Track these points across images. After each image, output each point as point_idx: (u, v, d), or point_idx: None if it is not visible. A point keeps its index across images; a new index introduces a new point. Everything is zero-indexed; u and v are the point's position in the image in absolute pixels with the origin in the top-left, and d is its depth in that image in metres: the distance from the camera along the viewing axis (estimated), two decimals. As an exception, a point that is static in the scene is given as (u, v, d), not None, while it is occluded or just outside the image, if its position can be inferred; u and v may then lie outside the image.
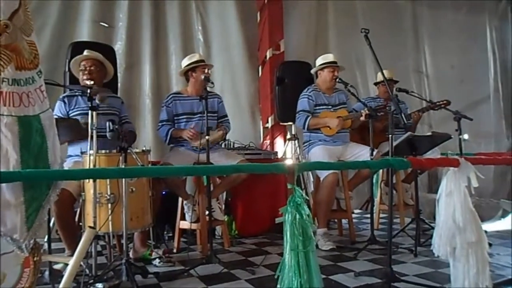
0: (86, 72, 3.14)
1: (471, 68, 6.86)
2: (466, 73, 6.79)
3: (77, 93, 3.18)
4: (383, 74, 2.95)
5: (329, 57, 3.86)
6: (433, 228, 2.69)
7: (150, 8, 5.02)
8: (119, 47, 4.78)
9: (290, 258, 1.75)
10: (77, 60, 3.22)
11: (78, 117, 3.07)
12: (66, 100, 3.18)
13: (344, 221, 4.05)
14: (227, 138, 3.96)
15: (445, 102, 3.89)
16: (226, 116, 3.75)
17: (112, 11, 4.89)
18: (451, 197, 2.17)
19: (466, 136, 4.87)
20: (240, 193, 4.03)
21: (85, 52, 3.23)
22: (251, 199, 4.02)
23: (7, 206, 1.69)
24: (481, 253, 2.15)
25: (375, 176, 4.13)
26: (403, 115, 2.56)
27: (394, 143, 2.66)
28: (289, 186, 1.86)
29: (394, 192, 3.92)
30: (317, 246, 3.35)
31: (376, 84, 4.50)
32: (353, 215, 4.19)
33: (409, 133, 3.13)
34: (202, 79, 3.39)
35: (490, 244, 2.37)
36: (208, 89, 3.19)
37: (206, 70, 3.50)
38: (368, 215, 3.92)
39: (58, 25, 4.52)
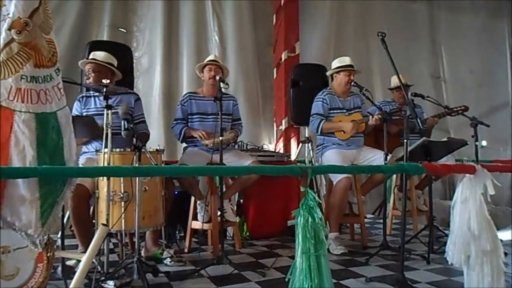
0: (87, 74, 3.20)
1: (490, 73, 6.75)
2: (485, 78, 6.69)
3: (92, 94, 3.23)
4: (399, 78, 2.92)
5: (346, 60, 3.83)
6: (447, 235, 2.66)
7: (165, 11, 5.07)
8: (136, 51, 4.84)
9: (301, 261, 1.74)
10: (82, 64, 3.29)
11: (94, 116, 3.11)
12: (82, 99, 3.25)
13: (356, 225, 4.02)
14: (240, 139, 3.97)
15: (463, 108, 3.83)
16: (239, 119, 3.77)
17: (128, 15, 4.98)
18: (467, 204, 2.14)
19: (484, 143, 4.78)
20: (252, 195, 4.03)
21: (90, 56, 3.28)
22: (263, 201, 4.01)
23: (22, 202, 1.71)
24: (496, 262, 2.11)
25: (388, 181, 4.08)
26: (418, 120, 2.53)
27: (409, 148, 2.63)
28: (302, 189, 1.85)
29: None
30: (328, 250, 3.33)
31: (391, 89, 4.46)
32: (366, 220, 4.15)
33: (424, 138, 3.09)
34: (208, 80, 3.54)
35: (505, 253, 2.32)
36: (224, 90, 3.21)
37: (212, 71, 3.53)
38: (381, 220, 3.89)
39: (77, 25, 4.60)
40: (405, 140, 2.54)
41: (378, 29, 2.89)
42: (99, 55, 3.25)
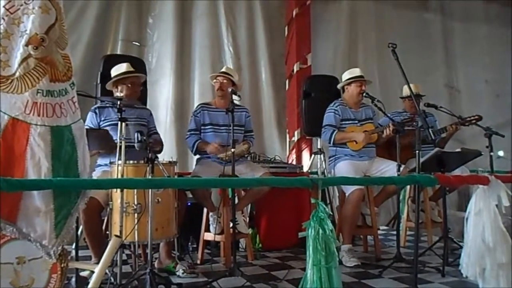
0: (131, 88, 3.28)
1: (506, 83, 6.66)
2: (502, 88, 6.61)
3: (107, 105, 3.28)
4: (409, 88, 2.91)
5: (356, 72, 3.83)
6: (462, 247, 2.62)
7: (177, 23, 5.17)
8: (148, 64, 4.91)
9: (312, 273, 1.74)
10: (118, 76, 3.32)
11: (108, 128, 3.15)
12: (97, 111, 3.28)
13: (369, 237, 3.98)
14: (252, 150, 3.99)
15: (476, 117, 3.79)
16: (251, 131, 3.80)
17: (141, 29, 5.09)
18: (480, 216, 2.12)
19: (501, 153, 4.71)
20: (264, 207, 4.03)
21: (126, 67, 3.33)
22: (276, 212, 4.01)
23: (37, 213, 1.74)
24: (512, 275, 2.07)
25: (402, 192, 4.04)
26: (430, 131, 2.51)
27: (422, 159, 2.61)
28: (312, 201, 1.85)
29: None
30: (341, 262, 3.30)
31: (402, 98, 4.44)
32: (379, 232, 4.11)
33: (437, 149, 3.05)
34: (216, 90, 3.63)
35: (522, 266, 2.28)
36: (236, 102, 3.24)
37: (218, 82, 3.59)
38: (394, 232, 3.84)
39: (91, 40, 4.72)
40: (417, 151, 2.52)
41: (392, 40, 2.89)
42: (128, 67, 3.34)
